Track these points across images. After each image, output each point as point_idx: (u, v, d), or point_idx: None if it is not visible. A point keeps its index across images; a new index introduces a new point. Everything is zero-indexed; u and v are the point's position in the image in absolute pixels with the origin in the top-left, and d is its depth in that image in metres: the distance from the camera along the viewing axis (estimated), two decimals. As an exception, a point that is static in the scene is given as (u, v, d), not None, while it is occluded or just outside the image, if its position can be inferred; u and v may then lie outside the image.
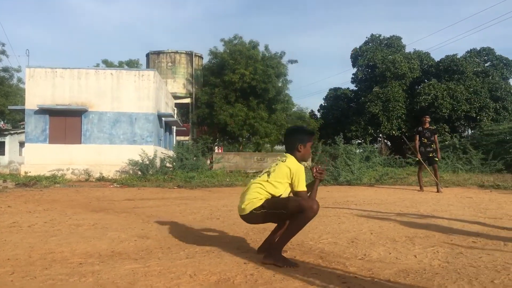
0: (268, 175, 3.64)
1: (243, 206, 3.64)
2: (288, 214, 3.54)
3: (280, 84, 28.26)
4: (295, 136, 3.81)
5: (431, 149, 10.98)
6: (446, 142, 22.90)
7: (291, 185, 3.66)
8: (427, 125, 11.14)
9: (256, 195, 3.59)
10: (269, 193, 3.60)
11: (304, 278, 3.15)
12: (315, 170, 3.77)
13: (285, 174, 3.61)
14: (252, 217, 3.64)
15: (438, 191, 10.45)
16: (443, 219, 6.00)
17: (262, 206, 3.56)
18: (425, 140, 10.98)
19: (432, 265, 3.54)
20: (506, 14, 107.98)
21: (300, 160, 3.77)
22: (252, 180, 3.80)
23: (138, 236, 4.79)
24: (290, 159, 3.70)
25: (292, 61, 28.92)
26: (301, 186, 3.62)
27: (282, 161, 3.70)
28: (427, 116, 11.50)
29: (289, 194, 3.72)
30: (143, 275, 3.24)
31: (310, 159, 3.72)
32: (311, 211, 3.47)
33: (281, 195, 3.65)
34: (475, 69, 32.79)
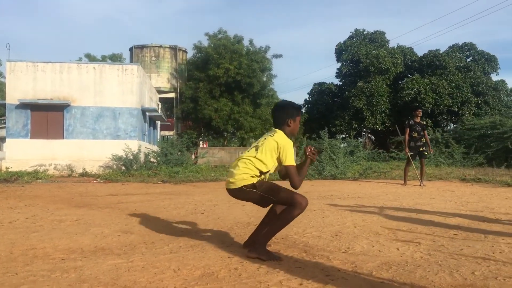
0: (256, 150, 3.63)
1: (232, 180, 3.62)
2: (275, 201, 3.57)
3: (264, 79, 28.24)
4: (284, 110, 3.79)
5: (421, 143, 10.93)
6: (429, 136, 23.15)
7: (278, 159, 3.62)
8: (419, 119, 11.02)
9: (248, 171, 3.58)
10: (258, 169, 3.60)
11: (288, 271, 3.17)
12: (308, 150, 3.72)
13: (273, 148, 3.58)
14: (240, 193, 3.63)
15: (420, 185, 10.55)
16: (425, 212, 6.08)
17: (253, 185, 3.57)
18: (415, 134, 10.87)
19: (414, 257, 3.58)
20: (487, 10, 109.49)
21: (289, 135, 3.75)
22: (240, 154, 3.78)
23: (121, 231, 4.76)
24: (279, 134, 3.68)
25: (276, 56, 28.91)
26: (289, 161, 3.57)
27: (270, 136, 3.67)
28: (420, 110, 11.26)
29: (277, 169, 3.71)
30: (126, 270, 3.22)
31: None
32: (299, 207, 3.46)
33: (269, 171, 3.66)
34: (457, 64, 33.17)
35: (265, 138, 3.70)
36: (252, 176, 3.59)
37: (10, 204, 7.31)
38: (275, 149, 3.59)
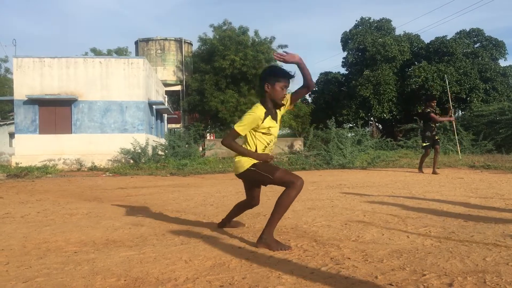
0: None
1: (238, 164, 3.67)
2: (273, 180, 3.57)
3: (270, 70, 28.16)
4: (261, 76, 3.70)
5: (436, 132, 10.94)
6: (438, 124, 23.02)
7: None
8: (433, 109, 10.85)
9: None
10: (252, 147, 3.66)
11: (298, 260, 3.18)
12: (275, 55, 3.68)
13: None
14: (247, 174, 3.67)
15: (433, 173, 10.49)
16: (434, 200, 6.06)
17: (254, 165, 3.61)
18: (432, 125, 10.79)
19: (424, 244, 3.58)
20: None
21: (270, 103, 3.66)
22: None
23: (132, 224, 4.79)
24: (253, 107, 3.66)
25: (282, 46, 28.79)
26: (237, 124, 3.58)
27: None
28: (435, 100, 11.14)
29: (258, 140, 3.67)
30: (138, 262, 3.25)
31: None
32: (294, 187, 3.48)
33: (265, 142, 3.69)
34: (464, 51, 32.87)
35: None
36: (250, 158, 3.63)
37: (22, 199, 7.38)
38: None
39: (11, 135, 28.37)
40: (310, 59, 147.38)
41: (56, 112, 18.09)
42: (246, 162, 3.62)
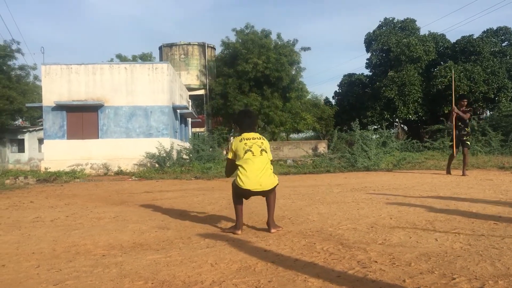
0: (266, 152, 4.42)
1: (272, 182, 4.41)
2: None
3: (293, 72, 28.14)
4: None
5: (465, 132, 10.67)
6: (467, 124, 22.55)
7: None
8: (464, 108, 10.56)
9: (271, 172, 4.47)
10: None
11: (325, 264, 3.16)
12: None
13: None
14: (273, 189, 4.48)
15: (463, 174, 10.27)
16: (463, 202, 5.94)
17: (276, 183, 4.49)
18: (460, 124, 10.54)
19: (453, 248, 3.51)
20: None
21: None
22: (254, 155, 4.36)
23: (158, 227, 4.85)
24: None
25: (305, 49, 28.76)
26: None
27: (263, 139, 4.55)
28: (465, 99, 10.80)
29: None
30: (165, 265, 3.28)
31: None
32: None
33: None
34: (492, 49, 32.18)
35: (262, 142, 4.47)
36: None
37: (51, 203, 7.54)
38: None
39: (40, 141, 29.08)
40: (334, 61, 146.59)
41: (83, 117, 18.44)
42: (275, 179, 4.52)
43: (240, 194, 4.54)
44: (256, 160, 4.33)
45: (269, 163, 4.42)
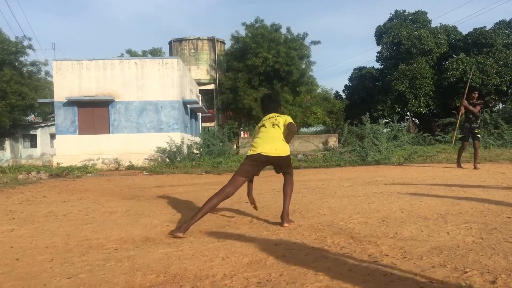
0: (279, 127, 4.39)
1: (284, 149, 4.37)
2: (287, 167, 4.56)
3: (303, 66, 28.01)
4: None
5: (477, 125, 10.58)
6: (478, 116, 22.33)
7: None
8: (475, 101, 10.45)
9: (286, 144, 4.43)
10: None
11: (336, 257, 3.16)
12: None
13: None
14: (287, 158, 4.46)
15: (474, 168, 10.18)
16: (475, 196, 5.89)
17: (289, 153, 4.47)
18: (471, 116, 10.46)
19: (465, 241, 3.49)
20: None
21: None
22: (266, 128, 4.42)
23: (169, 222, 4.88)
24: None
25: (315, 42, 28.60)
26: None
27: (278, 116, 4.52)
28: (476, 92, 10.70)
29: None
30: (176, 258, 3.31)
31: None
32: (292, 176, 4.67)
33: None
34: (505, 41, 31.76)
35: (276, 118, 4.48)
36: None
37: (63, 197, 7.62)
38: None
39: (52, 136, 29.33)
40: (344, 54, 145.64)
41: (94, 113, 18.56)
42: (288, 149, 4.46)
43: (249, 168, 4.38)
44: (269, 130, 4.39)
45: (281, 136, 4.36)
